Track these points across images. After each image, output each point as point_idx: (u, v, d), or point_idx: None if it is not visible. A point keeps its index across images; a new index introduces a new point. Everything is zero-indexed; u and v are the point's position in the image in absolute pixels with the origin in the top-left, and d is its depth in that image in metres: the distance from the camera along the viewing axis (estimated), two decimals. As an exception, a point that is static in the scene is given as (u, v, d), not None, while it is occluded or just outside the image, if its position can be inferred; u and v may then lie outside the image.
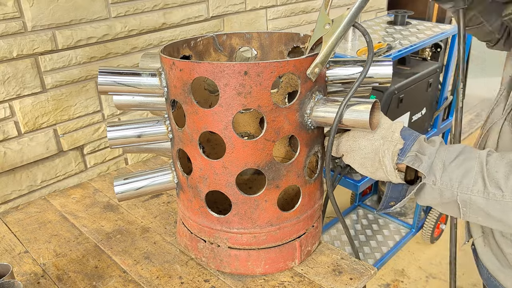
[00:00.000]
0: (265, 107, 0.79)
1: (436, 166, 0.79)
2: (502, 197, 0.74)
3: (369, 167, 0.86)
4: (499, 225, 0.78)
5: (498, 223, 0.78)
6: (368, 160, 0.85)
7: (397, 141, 0.82)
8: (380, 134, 0.84)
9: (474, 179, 0.76)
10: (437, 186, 0.79)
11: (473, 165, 0.77)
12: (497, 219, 0.77)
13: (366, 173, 0.87)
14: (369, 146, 0.84)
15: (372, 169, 0.86)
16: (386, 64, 0.87)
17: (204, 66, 0.77)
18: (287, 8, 2.03)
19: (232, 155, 0.83)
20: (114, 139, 0.89)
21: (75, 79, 1.39)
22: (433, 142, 0.83)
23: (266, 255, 0.94)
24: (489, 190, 0.75)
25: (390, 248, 2.39)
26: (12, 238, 1.12)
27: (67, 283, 0.96)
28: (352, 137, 0.86)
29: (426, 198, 0.83)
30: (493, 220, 0.78)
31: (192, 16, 1.65)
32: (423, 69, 2.08)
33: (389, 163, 0.82)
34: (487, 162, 0.76)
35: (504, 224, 0.77)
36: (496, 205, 0.75)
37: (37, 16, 1.25)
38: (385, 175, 0.85)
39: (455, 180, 0.78)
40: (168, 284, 0.94)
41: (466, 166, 0.77)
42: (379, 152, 0.83)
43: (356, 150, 0.86)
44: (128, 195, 0.95)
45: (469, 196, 0.77)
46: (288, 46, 1.04)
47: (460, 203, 0.79)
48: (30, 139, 1.34)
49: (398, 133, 0.83)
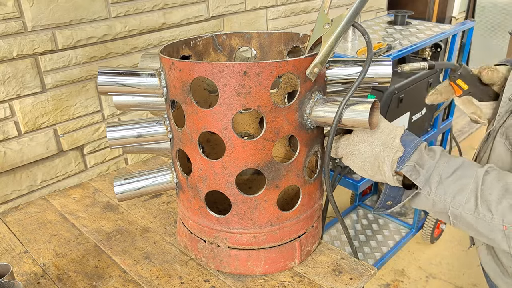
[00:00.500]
0: (265, 107, 0.79)
1: (433, 179, 0.80)
2: (491, 220, 0.75)
3: (368, 171, 0.86)
4: (488, 241, 0.79)
5: (487, 239, 0.79)
6: (367, 164, 0.85)
7: (397, 148, 0.82)
8: (380, 139, 0.84)
9: (467, 197, 0.77)
10: (431, 197, 0.80)
11: (469, 183, 0.78)
12: (486, 236, 0.78)
13: (365, 176, 0.88)
14: (369, 151, 0.84)
15: (371, 173, 0.86)
16: (385, 64, 0.87)
17: (203, 66, 0.77)
18: (287, 8, 2.03)
19: (231, 155, 0.83)
20: (114, 139, 0.89)
21: (75, 79, 1.39)
22: (433, 153, 0.82)
23: (266, 255, 0.94)
24: (479, 210, 0.76)
25: (390, 248, 2.39)
26: (12, 238, 1.12)
27: (67, 283, 0.96)
28: (352, 141, 0.86)
29: (419, 204, 0.84)
30: (482, 236, 0.79)
31: (192, 16, 1.65)
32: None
33: (388, 169, 0.82)
34: (483, 182, 0.77)
35: (493, 241, 0.78)
36: (485, 225, 0.76)
37: (37, 16, 1.25)
38: (383, 179, 0.85)
39: (449, 195, 0.79)
40: (168, 284, 0.94)
41: (462, 183, 0.78)
42: (379, 158, 0.83)
43: (356, 154, 0.86)
44: (128, 195, 0.95)
45: (460, 212, 0.78)
46: (287, 46, 1.04)
47: (450, 216, 0.80)
48: (30, 139, 1.34)
49: (399, 140, 0.82)
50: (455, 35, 2.11)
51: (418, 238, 2.61)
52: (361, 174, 0.88)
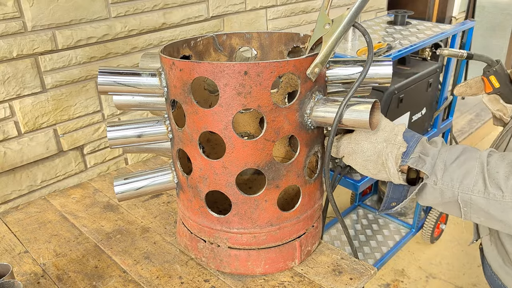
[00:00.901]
0: (265, 107, 0.79)
1: (437, 166, 0.80)
2: (502, 197, 0.74)
3: (371, 169, 0.86)
4: (500, 225, 0.79)
5: (499, 223, 0.78)
6: (370, 163, 0.85)
7: (400, 144, 0.82)
8: (382, 136, 0.84)
9: (475, 179, 0.76)
10: (438, 186, 0.80)
11: (474, 165, 0.77)
12: (498, 219, 0.77)
13: (368, 174, 0.88)
14: (371, 149, 0.84)
15: (374, 171, 0.86)
16: (386, 64, 0.87)
17: (204, 66, 0.77)
18: (287, 8, 2.03)
19: (232, 155, 0.83)
20: (114, 139, 0.89)
21: (75, 79, 1.39)
22: (434, 143, 0.83)
23: (266, 255, 0.94)
24: (489, 190, 0.75)
25: (390, 248, 2.39)
26: (12, 238, 1.12)
27: (67, 283, 0.96)
28: (354, 139, 0.86)
29: (427, 198, 0.83)
30: (494, 220, 0.78)
31: (192, 16, 1.65)
32: (423, 69, 2.08)
33: (392, 165, 0.82)
34: (488, 163, 0.77)
35: (505, 224, 0.77)
36: (496, 205, 0.75)
37: (37, 16, 1.25)
38: (387, 176, 0.85)
39: (456, 180, 0.78)
40: (168, 284, 0.94)
41: (467, 167, 0.78)
42: (382, 155, 0.83)
43: (358, 152, 0.86)
44: (128, 195, 0.95)
45: (469, 196, 0.77)
46: (288, 46, 1.04)
47: (461, 203, 0.79)
48: (30, 139, 1.34)
49: (401, 136, 0.83)
50: (455, 35, 2.11)
51: (418, 238, 2.61)
52: (363, 173, 0.88)
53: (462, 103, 3.96)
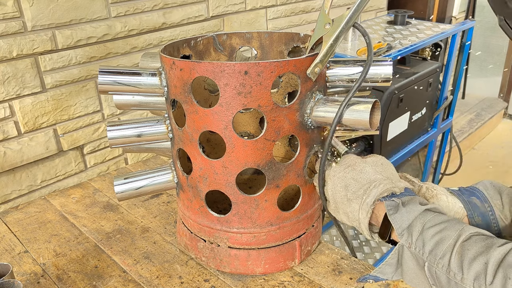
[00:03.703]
0: (265, 107, 0.79)
1: (415, 227, 0.72)
2: (461, 280, 0.65)
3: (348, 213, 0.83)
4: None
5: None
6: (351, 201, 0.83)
7: (397, 186, 0.80)
8: (385, 174, 0.83)
9: (444, 251, 0.67)
10: (411, 250, 0.72)
11: (451, 235, 0.68)
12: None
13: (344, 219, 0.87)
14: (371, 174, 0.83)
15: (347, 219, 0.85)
16: (386, 64, 0.87)
17: (204, 65, 0.77)
18: (287, 8, 2.03)
19: (232, 155, 0.83)
20: (114, 138, 0.89)
21: (75, 79, 1.39)
22: (425, 203, 0.76)
23: (266, 254, 0.93)
24: (451, 268, 0.66)
25: (390, 248, 2.38)
26: (12, 238, 1.12)
27: (67, 283, 0.96)
28: (332, 184, 0.86)
29: (408, 264, 0.74)
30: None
31: (192, 16, 1.65)
32: (423, 69, 2.08)
33: (371, 198, 0.79)
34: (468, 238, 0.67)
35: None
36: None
37: (37, 16, 1.25)
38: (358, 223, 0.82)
39: (427, 246, 0.70)
40: (168, 284, 0.94)
41: (443, 235, 0.69)
42: (373, 183, 0.81)
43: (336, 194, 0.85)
44: (128, 194, 0.95)
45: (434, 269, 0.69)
46: (288, 46, 1.04)
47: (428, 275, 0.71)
48: (30, 139, 1.34)
49: (403, 185, 0.81)
50: (455, 35, 2.11)
51: (418, 238, 2.61)
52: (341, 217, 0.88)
53: (462, 103, 3.96)
